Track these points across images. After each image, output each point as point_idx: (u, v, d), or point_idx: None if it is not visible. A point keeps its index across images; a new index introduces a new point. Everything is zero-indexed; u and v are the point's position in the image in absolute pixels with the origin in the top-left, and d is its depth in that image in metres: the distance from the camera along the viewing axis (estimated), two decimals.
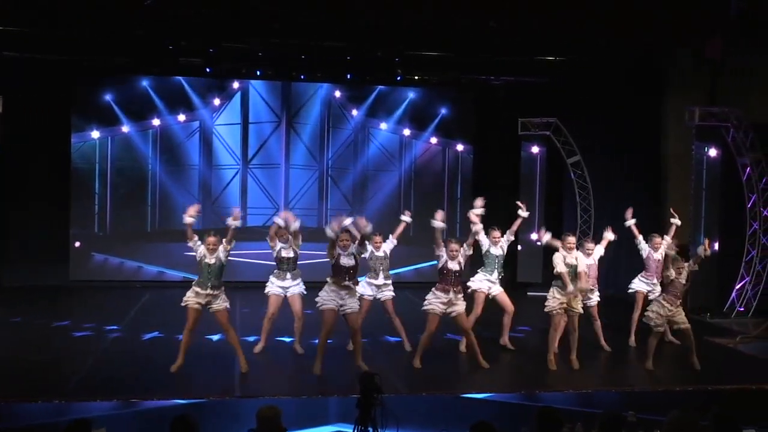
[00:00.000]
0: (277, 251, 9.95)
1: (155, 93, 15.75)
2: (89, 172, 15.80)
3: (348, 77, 16.01)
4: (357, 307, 9.05)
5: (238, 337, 9.23)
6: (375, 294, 10.17)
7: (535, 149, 16.39)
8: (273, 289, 10.00)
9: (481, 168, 17.03)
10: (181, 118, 15.93)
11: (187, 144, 16.12)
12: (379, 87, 16.51)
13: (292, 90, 16.37)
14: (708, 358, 9.85)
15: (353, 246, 8.92)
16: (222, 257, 8.89)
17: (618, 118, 15.61)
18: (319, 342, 9.05)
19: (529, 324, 12.02)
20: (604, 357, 10.26)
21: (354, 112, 16.64)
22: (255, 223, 16.27)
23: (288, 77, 16.04)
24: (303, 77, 16.03)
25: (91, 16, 13.19)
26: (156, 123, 15.85)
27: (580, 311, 9.59)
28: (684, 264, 9.54)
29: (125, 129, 15.76)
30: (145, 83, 15.73)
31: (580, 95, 15.88)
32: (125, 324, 11.95)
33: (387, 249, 10.21)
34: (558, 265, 9.37)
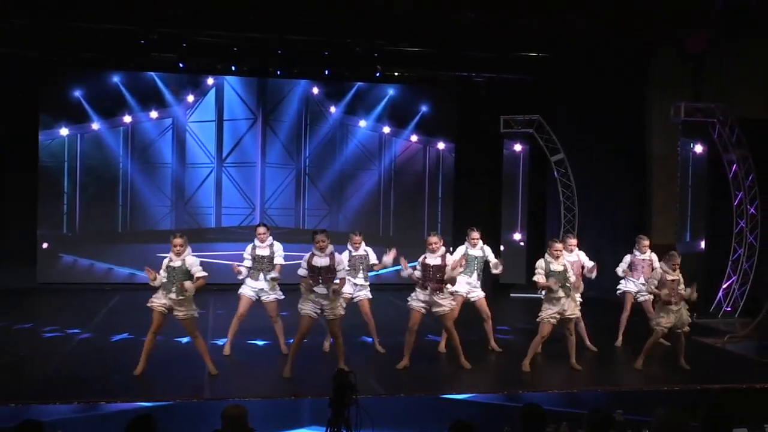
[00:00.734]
0: (252, 249, 9.55)
1: (126, 89, 15.39)
2: (58, 170, 15.40)
3: (326, 73, 15.71)
4: (340, 313, 8.61)
5: (206, 344, 8.88)
6: (353, 293, 9.83)
7: (518, 147, 16.15)
8: (245, 291, 9.65)
9: (463, 167, 16.79)
10: (154, 115, 15.58)
11: (160, 142, 15.75)
12: (358, 83, 16.24)
13: (268, 86, 16.05)
14: (696, 357, 9.69)
15: (331, 247, 8.61)
16: (189, 263, 8.37)
17: (602, 115, 15.41)
18: (292, 345, 8.73)
19: (509, 324, 11.72)
20: (589, 357, 9.97)
21: (332, 109, 16.32)
22: (230, 224, 16.00)
23: (264, 73, 15.75)
24: (279, 73, 15.77)
25: (60, 9, 12.88)
26: (127, 120, 15.51)
27: (577, 315, 9.32)
28: (677, 262, 9.22)
29: (95, 126, 15.39)
30: (116, 79, 15.38)
31: (563, 92, 15.70)
32: (93, 326, 11.58)
33: (369, 249, 10.02)
34: (536, 275, 9.07)
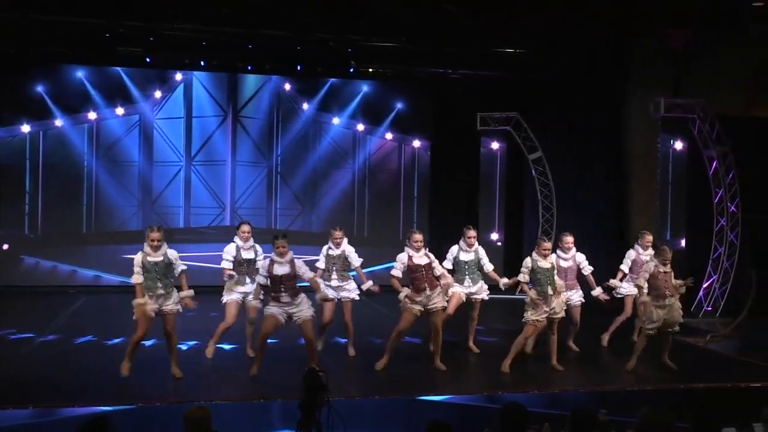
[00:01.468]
0: (236, 253, 8.96)
1: (91, 84, 15.00)
2: (19, 169, 14.97)
3: (298, 69, 15.25)
4: (308, 315, 8.15)
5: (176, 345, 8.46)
6: (336, 296, 9.32)
7: (495, 145, 16.00)
8: (233, 296, 8.98)
9: (439, 165, 16.54)
10: (120, 111, 15.20)
11: (126, 139, 15.38)
12: (331, 79, 15.90)
13: (238, 82, 15.75)
14: (679, 357, 9.45)
15: (291, 253, 8.15)
16: (171, 256, 8.03)
17: (581, 112, 15.26)
18: (259, 345, 8.30)
19: (485, 325, 11.29)
20: (571, 357, 9.67)
21: (305, 105, 16.03)
22: (199, 224, 15.72)
23: (234, 68, 15.40)
24: (250, 68, 15.36)
25: (20, 0, 12.55)
26: (92, 116, 15.11)
27: (562, 315, 8.97)
28: (669, 257, 8.98)
29: (58, 123, 14.98)
30: (80, 74, 14.96)
31: (541, 89, 15.45)
32: (55, 329, 11.14)
33: (347, 249, 9.40)
34: (521, 273, 8.89)
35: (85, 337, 10.47)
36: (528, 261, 8.89)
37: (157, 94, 15.33)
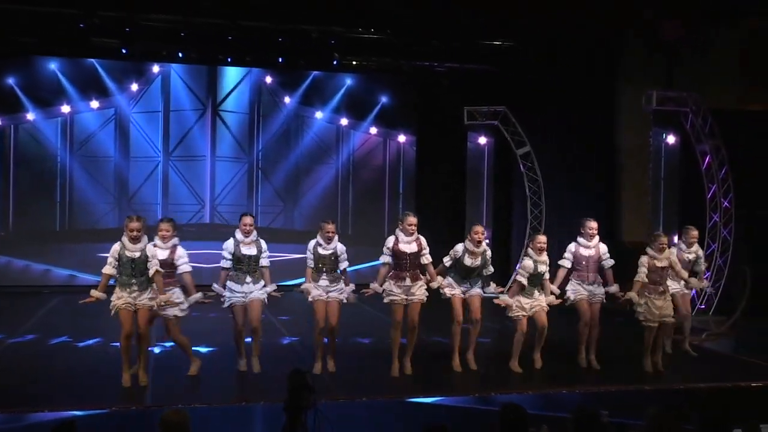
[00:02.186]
0: (235, 247, 8.18)
1: (65, 77, 14.77)
2: None
3: (280, 61, 15.10)
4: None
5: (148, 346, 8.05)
6: (325, 296, 8.46)
7: (483, 140, 15.74)
8: (235, 299, 8.21)
9: (425, 160, 16.38)
10: (95, 104, 14.96)
11: (101, 134, 15.12)
12: (314, 72, 15.75)
13: (218, 75, 15.55)
14: (675, 356, 9.31)
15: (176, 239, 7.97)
16: (149, 252, 7.57)
17: (570, 106, 15.02)
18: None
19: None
20: (566, 357, 9.21)
21: (286, 99, 15.82)
22: (178, 221, 14.49)
23: (214, 60, 15.23)
24: (230, 60, 15.22)
25: None
26: (66, 110, 14.89)
27: (545, 307, 8.62)
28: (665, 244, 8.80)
29: (30, 116, 14.76)
30: (53, 66, 14.72)
31: (529, 82, 15.27)
32: (27, 330, 10.77)
33: (339, 248, 8.39)
34: (519, 275, 8.59)
35: (59, 339, 10.16)
36: (529, 264, 8.50)
37: (134, 87, 15.10)
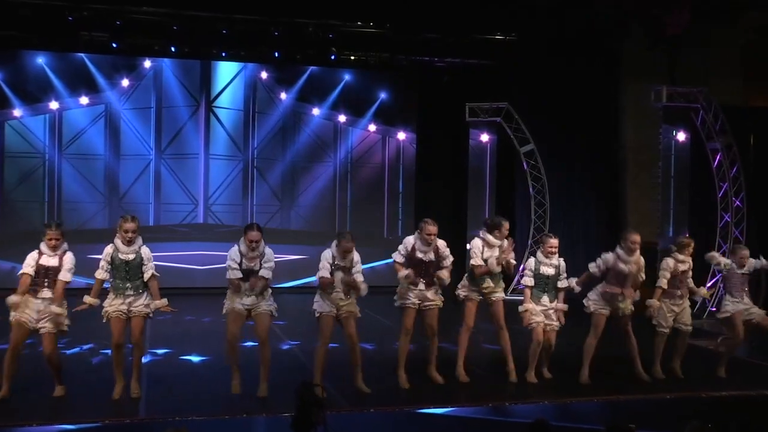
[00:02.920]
0: (239, 257, 7.39)
1: (53, 72, 14.50)
2: None
3: (276, 56, 14.89)
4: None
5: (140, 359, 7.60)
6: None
7: (485, 137, 15.43)
8: (235, 306, 7.51)
9: (425, 158, 16.11)
10: (84, 101, 14.71)
11: (91, 131, 14.85)
12: (311, 67, 15.49)
13: (211, 70, 15.32)
14: (692, 362, 8.92)
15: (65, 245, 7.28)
16: (144, 254, 7.18)
17: (574, 103, 14.87)
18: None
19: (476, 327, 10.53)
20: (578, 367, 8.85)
21: (282, 95, 15.56)
22: (170, 221, 15.27)
23: (207, 55, 14.97)
24: (224, 55, 14.98)
25: None
26: (54, 106, 14.61)
27: (556, 326, 8.24)
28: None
29: (17, 113, 14.47)
30: (41, 60, 14.45)
31: (532, 78, 15.05)
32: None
33: (356, 257, 7.75)
34: (525, 277, 8.19)
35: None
36: (531, 263, 8.20)
37: (125, 82, 14.85)
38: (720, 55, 14.34)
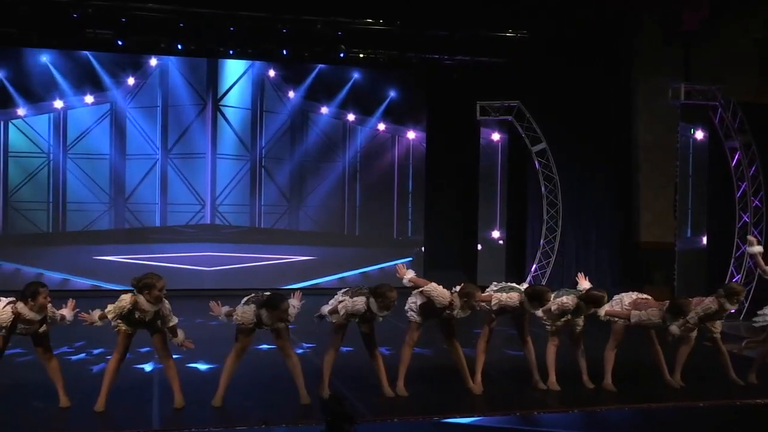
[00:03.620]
0: None
1: (57, 70, 14.30)
2: None
3: (284, 53, 14.66)
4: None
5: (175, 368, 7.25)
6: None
7: (496, 136, 15.34)
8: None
9: (436, 157, 15.92)
10: (89, 99, 14.52)
11: (96, 130, 14.64)
12: (320, 65, 15.29)
13: (218, 68, 15.13)
14: (716, 366, 8.48)
15: None
16: (165, 309, 6.85)
17: (586, 100, 14.75)
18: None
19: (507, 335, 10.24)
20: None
21: (290, 94, 15.36)
22: (177, 222, 15.03)
23: (214, 53, 14.81)
24: (231, 53, 14.83)
25: None
26: (58, 105, 14.40)
27: (579, 325, 7.97)
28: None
29: (21, 112, 14.27)
30: (45, 58, 14.25)
31: (544, 76, 14.84)
32: (15, 341, 9.84)
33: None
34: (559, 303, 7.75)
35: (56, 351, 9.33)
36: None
37: (130, 81, 14.66)
38: (734, 52, 14.14)
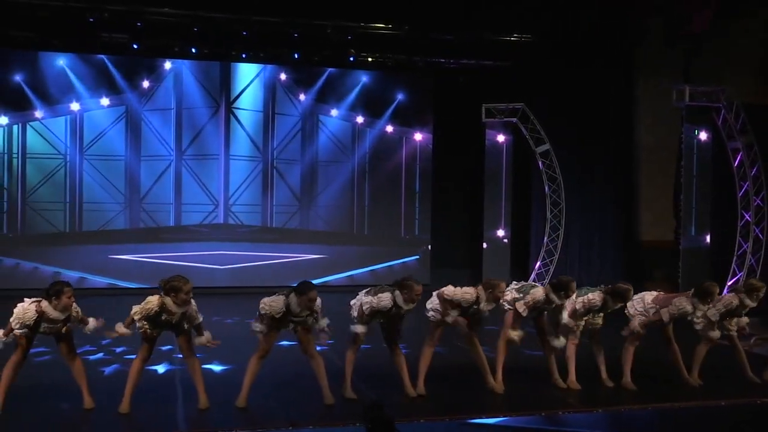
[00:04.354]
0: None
1: (73, 73, 14.32)
2: None
3: (295, 57, 14.77)
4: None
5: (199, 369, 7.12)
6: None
7: (501, 138, 15.34)
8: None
9: (442, 159, 15.98)
10: (105, 102, 14.53)
11: (112, 132, 14.69)
12: (330, 69, 15.33)
13: (231, 71, 15.14)
14: (728, 364, 8.48)
15: None
16: (192, 310, 6.81)
17: (589, 103, 14.81)
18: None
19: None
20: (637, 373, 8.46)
21: (301, 96, 15.41)
22: (190, 222, 15.09)
23: (227, 57, 14.81)
24: (244, 57, 14.82)
25: None
26: (75, 107, 14.42)
27: (599, 323, 8.05)
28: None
29: (38, 114, 14.29)
30: (62, 62, 14.26)
31: (548, 78, 14.94)
32: (37, 338, 9.91)
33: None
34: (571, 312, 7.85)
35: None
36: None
37: (145, 84, 14.68)
38: (736, 53, 14.18)
